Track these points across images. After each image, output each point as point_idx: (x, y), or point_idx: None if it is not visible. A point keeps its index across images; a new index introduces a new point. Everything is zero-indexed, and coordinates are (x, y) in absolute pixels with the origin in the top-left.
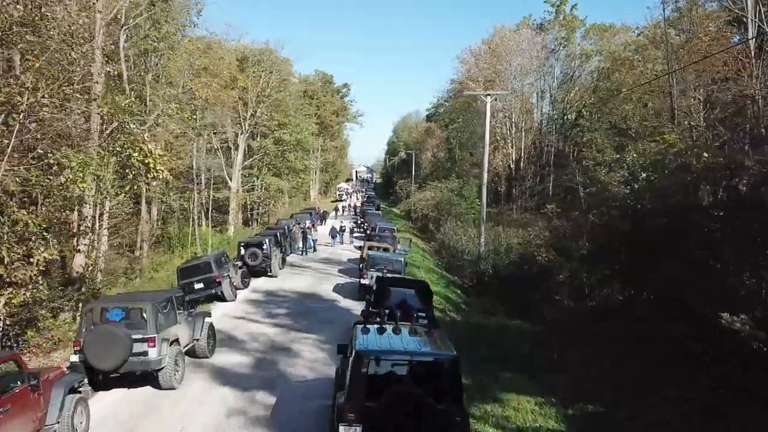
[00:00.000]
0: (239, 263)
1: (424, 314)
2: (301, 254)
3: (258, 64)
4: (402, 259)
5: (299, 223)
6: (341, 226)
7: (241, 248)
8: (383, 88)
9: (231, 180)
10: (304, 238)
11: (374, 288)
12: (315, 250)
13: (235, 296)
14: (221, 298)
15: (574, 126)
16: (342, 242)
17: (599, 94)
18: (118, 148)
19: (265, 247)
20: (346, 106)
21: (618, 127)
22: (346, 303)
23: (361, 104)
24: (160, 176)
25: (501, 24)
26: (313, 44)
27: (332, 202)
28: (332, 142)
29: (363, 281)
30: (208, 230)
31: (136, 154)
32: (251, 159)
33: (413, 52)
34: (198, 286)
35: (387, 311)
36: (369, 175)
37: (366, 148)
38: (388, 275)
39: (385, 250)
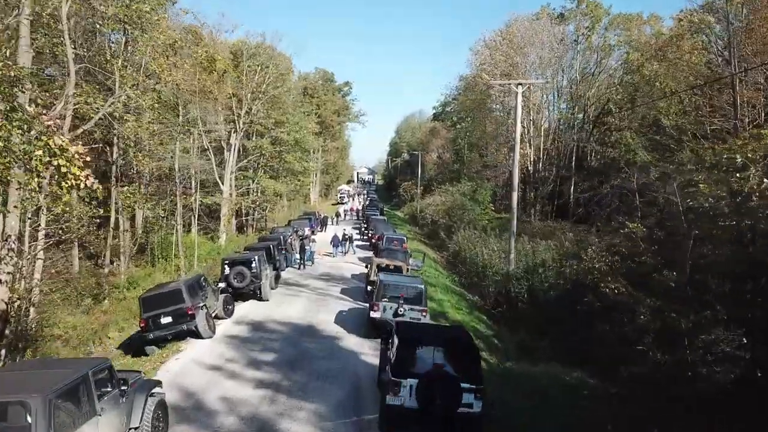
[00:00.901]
0: (224, 284)
1: (471, 390)
2: (299, 268)
3: (253, 58)
4: (422, 287)
5: (297, 231)
6: (344, 234)
7: (226, 266)
8: (384, 89)
9: (223, 183)
10: (302, 250)
11: (394, 340)
12: (313, 263)
13: (214, 331)
14: (196, 334)
15: (599, 124)
16: (345, 252)
17: (627, 88)
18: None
19: (254, 265)
20: (347, 105)
21: (657, 125)
22: (351, 342)
23: (362, 105)
24: (81, 184)
25: (517, 14)
26: (312, 44)
27: (333, 205)
28: (333, 142)
29: (373, 314)
30: (195, 239)
31: (39, 152)
32: (246, 160)
33: (414, 51)
34: (165, 320)
35: (418, 390)
36: (370, 177)
37: (367, 148)
38: (409, 317)
39: (397, 269)
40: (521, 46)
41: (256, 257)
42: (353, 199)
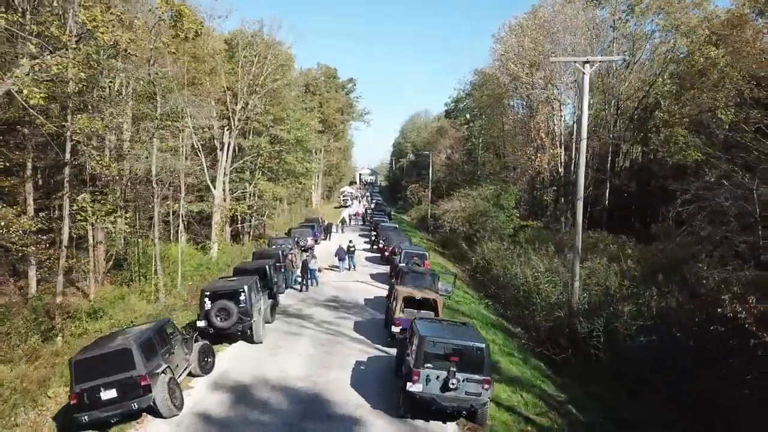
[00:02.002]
0: (204, 323)
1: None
2: (300, 290)
3: (250, 48)
4: (483, 345)
5: (298, 242)
6: (350, 246)
7: (206, 300)
8: (384, 89)
9: (215, 186)
10: (305, 269)
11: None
12: (317, 284)
13: (180, 405)
14: (154, 411)
15: (637, 120)
16: (353, 267)
17: (674, 79)
18: None
19: (243, 298)
20: (351, 103)
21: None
22: (380, 428)
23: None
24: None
25: None
26: (312, 42)
27: (336, 208)
28: (336, 142)
29: (412, 387)
30: (180, 252)
31: None
32: (242, 161)
33: (415, 51)
34: (108, 394)
35: None
36: (372, 178)
37: (368, 149)
38: (465, 392)
39: (430, 303)
40: (553, 31)
41: (246, 287)
42: (357, 201)
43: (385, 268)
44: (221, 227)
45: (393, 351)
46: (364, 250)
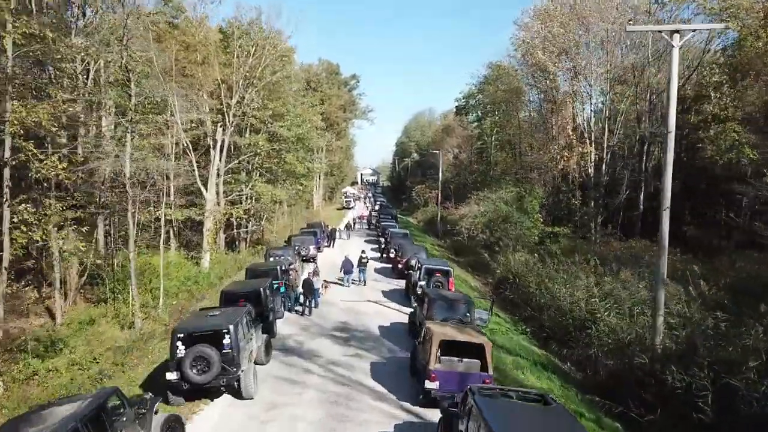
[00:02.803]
0: (175, 376)
1: None
2: (302, 313)
3: (246, 36)
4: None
5: (299, 251)
6: (362, 257)
7: (179, 344)
8: (384, 89)
9: (207, 189)
10: (308, 287)
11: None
12: (318, 305)
13: None
14: None
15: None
16: (362, 281)
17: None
18: None
19: (227, 341)
20: (354, 100)
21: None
22: None
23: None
24: None
25: None
26: (311, 39)
27: (338, 209)
28: (338, 141)
29: None
30: (161, 264)
31: None
32: (237, 161)
33: (415, 50)
34: None
35: None
36: (374, 178)
37: (369, 149)
38: None
39: (478, 357)
40: (583, 15)
41: (233, 327)
42: (360, 202)
43: (398, 283)
44: (214, 234)
45: (427, 414)
46: (372, 259)
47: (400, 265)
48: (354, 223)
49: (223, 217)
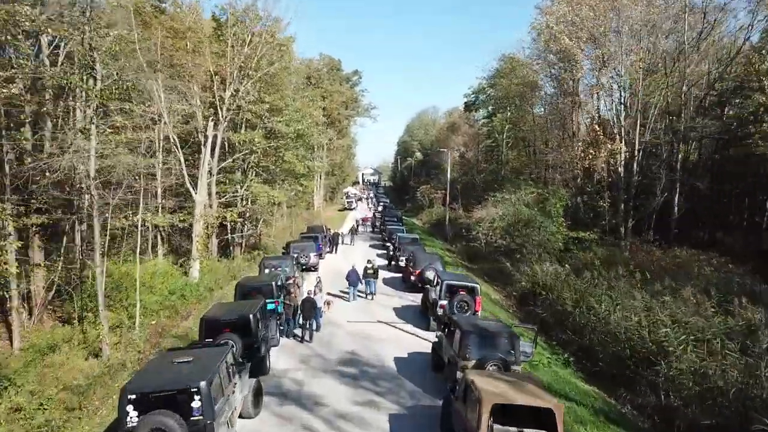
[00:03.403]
0: None
1: None
2: (302, 339)
3: (241, 24)
4: None
5: (299, 259)
6: (368, 267)
7: (128, 409)
8: (384, 87)
9: (196, 190)
10: (309, 309)
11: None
12: (319, 328)
13: None
14: None
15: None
16: (370, 295)
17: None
18: None
19: (197, 404)
20: (356, 97)
21: None
22: None
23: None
24: None
25: None
26: (310, 36)
27: (340, 210)
28: (339, 139)
29: None
30: (137, 276)
31: None
32: (231, 159)
33: (416, 48)
34: None
35: None
36: (375, 178)
37: (369, 148)
38: None
39: (546, 427)
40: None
41: (204, 384)
42: (362, 203)
43: (412, 298)
44: (204, 240)
45: None
46: (378, 267)
47: (412, 277)
48: (357, 226)
49: (215, 220)
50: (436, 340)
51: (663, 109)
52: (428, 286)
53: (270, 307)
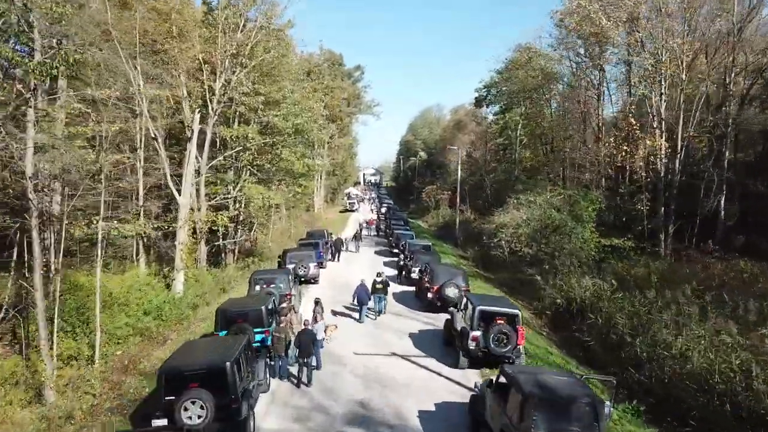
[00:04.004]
0: None
1: None
2: (298, 383)
3: (233, 7)
4: None
5: (296, 272)
6: (378, 282)
7: None
8: (386, 83)
9: (180, 192)
10: (306, 344)
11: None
12: (320, 366)
13: None
14: None
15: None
16: (383, 312)
17: None
18: None
19: None
20: (358, 94)
21: None
22: None
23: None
24: None
25: None
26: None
27: (341, 212)
28: (341, 138)
29: None
30: (99, 296)
31: None
32: (222, 156)
33: (416, 46)
34: None
35: None
36: (376, 178)
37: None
38: None
39: None
40: None
41: None
42: (364, 204)
43: (429, 320)
44: (190, 248)
45: None
46: (388, 279)
47: (430, 294)
48: (361, 230)
49: (204, 225)
50: (475, 393)
51: (707, 100)
52: (454, 309)
53: (259, 337)
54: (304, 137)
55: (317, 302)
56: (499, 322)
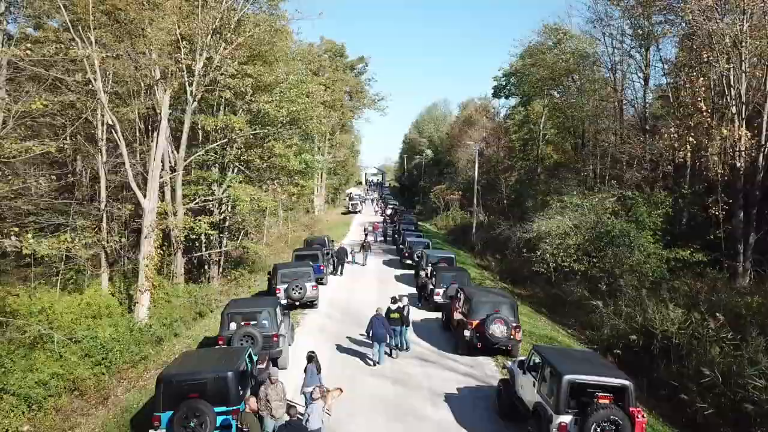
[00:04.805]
0: None
1: None
2: None
3: None
4: None
5: (290, 295)
6: (393, 311)
7: None
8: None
9: (145, 193)
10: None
11: None
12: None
13: None
14: None
15: None
16: (404, 346)
17: None
18: None
19: None
20: (362, 87)
21: None
22: None
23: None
24: None
25: None
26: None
27: (343, 213)
28: (343, 134)
29: None
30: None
31: None
32: (203, 150)
33: (417, 39)
34: None
35: None
36: (378, 178)
37: (370, 146)
38: None
39: None
40: None
41: None
42: (367, 205)
43: (469, 368)
44: (161, 261)
45: None
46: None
47: (467, 332)
48: (366, 235)
49: (181, 233)
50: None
51: None
52: (510, 365)
53: (221, 420)
54: (302, 127)
55: (311, 358)
56: (601, 399)
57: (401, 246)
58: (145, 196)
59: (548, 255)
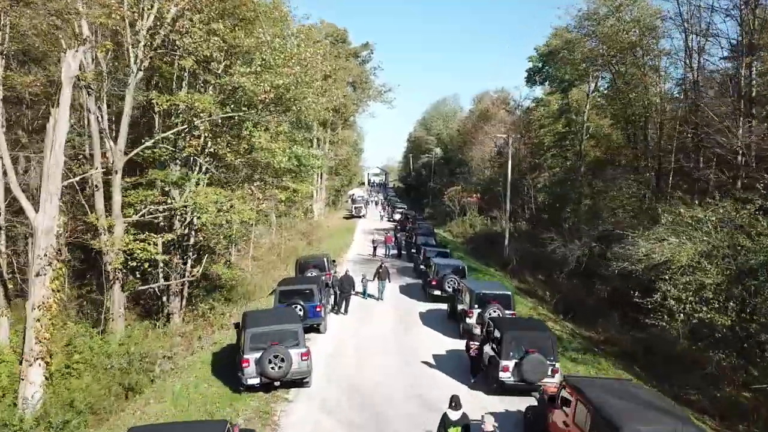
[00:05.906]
0: None
1: None
2: None
3: None
4: None
5: (264, 373)
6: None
7: None
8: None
9: (39, 205)
10: None
11: None
12: None
13: None
14: None
15: None
16: None
17: None
18: None
19: None
20: (366, 77)
21: None
22: None
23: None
24: None
25: None
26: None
27: (345, 218)
28: (345, 130)
29: None
30: None
31: None
32: (151, 141)
33: (416, 37)
34: None
35: None
36: (381, 178)
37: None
38: None
39: None
40: None
41: None
42: (372, 208)
43: None
44: (54, 311)
45: None
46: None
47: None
48: (375, 248)
49: (116, 260)
50: None
51: None
52: None
53: None
54: (292, 109)
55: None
56: None
57: (422, 266)
58: (36, 211)
59: (671, 300)
